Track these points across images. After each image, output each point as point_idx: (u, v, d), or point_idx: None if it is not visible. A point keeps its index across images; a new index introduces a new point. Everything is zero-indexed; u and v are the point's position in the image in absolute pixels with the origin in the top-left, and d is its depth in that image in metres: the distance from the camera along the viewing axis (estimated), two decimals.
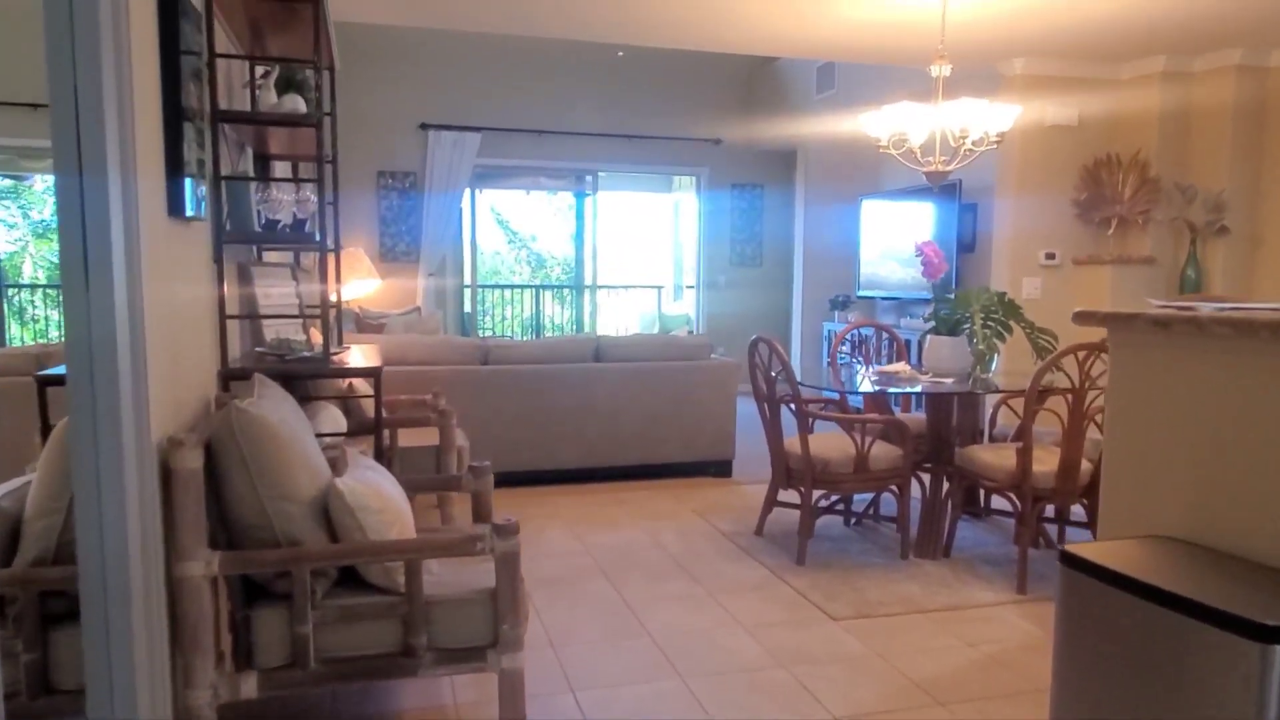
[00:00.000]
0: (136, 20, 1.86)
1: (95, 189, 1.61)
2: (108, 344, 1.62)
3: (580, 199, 9.60)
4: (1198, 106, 5.18)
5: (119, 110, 1.66)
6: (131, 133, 1.70)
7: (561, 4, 4.30)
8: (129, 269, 1.67)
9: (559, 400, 5.02)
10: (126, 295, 1.66)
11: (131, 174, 1.70)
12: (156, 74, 2.04)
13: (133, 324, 1.69)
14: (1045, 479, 3.45)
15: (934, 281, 4.07)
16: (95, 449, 1.65)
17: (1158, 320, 1.82)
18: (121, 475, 1.67)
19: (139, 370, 1.72)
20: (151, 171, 1.98)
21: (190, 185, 2.19)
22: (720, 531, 4.19)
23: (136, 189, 1.72)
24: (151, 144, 1.99)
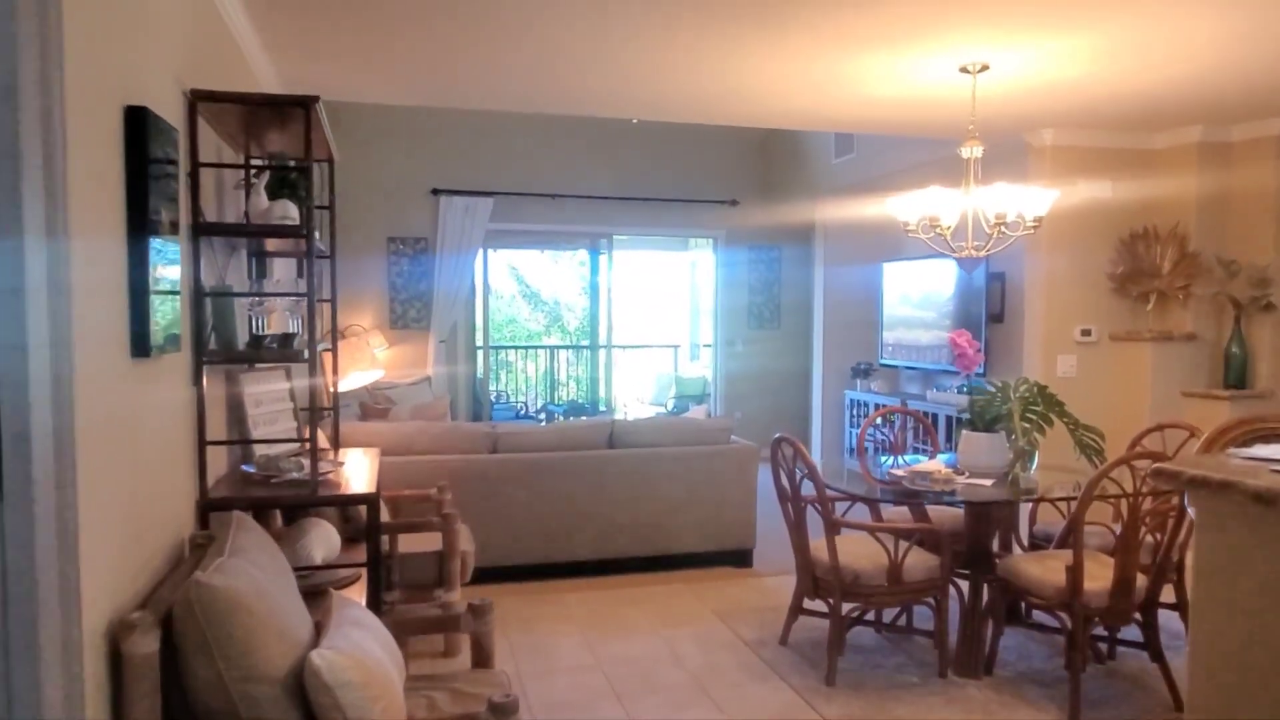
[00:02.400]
0: (94, 145, 1.68)
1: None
2: (25, 564, 1.42)
3: (595, 257, 9.45)
4: (1238, 177, 4.95)
5: (49, 246, 1.47)
6: (67, 270, 1.50)
7: (572, 85, 4.15)
8: (58, 476, 1.46)
9: (572, 489, 4.77)
10: (54, 509, 1.46)
11: (65, 332, 1.50)
12: (120, 200, 1.85)
13: (63, 532, 1.48)
14: (1098, 597, 3.17)
15: (969, 375, 3.83)
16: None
17: (1259, 495, 1.56)
18: (39, 688, 1.44)
19: (68, 585, 1.51)
20: (108, 309, 1.79)
21: (158, 318, 1.99)
22: (743, 641, 3.91)
23: (70, 338, 1.51)
24: (110, 274, 1.80)
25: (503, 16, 3.23)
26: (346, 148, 7.35)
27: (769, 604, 4.37)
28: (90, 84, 1.68)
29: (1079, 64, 3.75)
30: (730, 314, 8.77)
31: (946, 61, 3.72)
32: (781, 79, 4.02)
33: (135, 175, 1.88)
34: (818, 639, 3.78)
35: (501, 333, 13.19)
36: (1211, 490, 1.68)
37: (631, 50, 3.61)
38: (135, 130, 1.87)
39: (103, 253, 1.77)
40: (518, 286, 13.89)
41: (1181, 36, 3.38)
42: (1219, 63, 3.72)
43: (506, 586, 4.59)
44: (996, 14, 3.14)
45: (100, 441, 1.70)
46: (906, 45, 3.51)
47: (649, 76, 4.00)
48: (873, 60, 3.71)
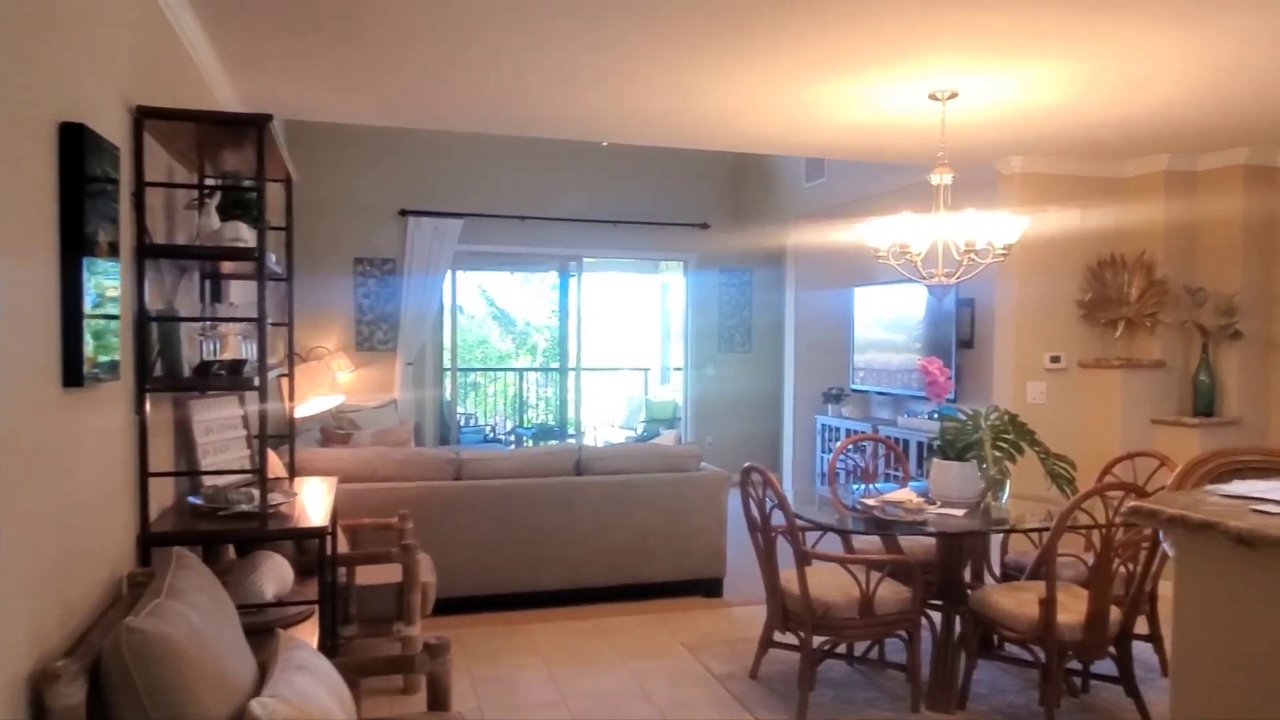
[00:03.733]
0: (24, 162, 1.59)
1: None
2: None
3: (565, 279, 9.37)
4: (1204, 206, 4.99)
5: None
6: None
7: (540, 108, 4.09)
8: None
9: (538, 517, 4.67)
10: None
11: None
12: (53, 220, 1.75)
13: None
14: (1072, 630, 3.12)
15: (940, 402, 3.79)
16: None
17: (1242, 536, 1.51)
18: None
19: None
20: (37, 336, 1.68)
21: (94, 344, 1.88)
22: (713, 675, 3.81)
23: None
24: (40, 298, 1.70)
25: (468, 39, 3.16)
26: (313, 167, 7.24)
27: (739, 636, 4.28)
28: (21, 100, 1.58)
29: (1048, 93, 3.75)
30: (701, 337, 8.72)
31: (916, 88, 3.71)
32: (751, 104, 3.99)
33: (70, 194, 1.78)
34: (788, 672, 3.69)
35: (471, 354, 13.05)
36: (1191, 530, 1.63)
37: (601, 74, 3.56)
38: (71, 148, 1.77)
39: (31, 275, 1.66)
40: (487, 308, 13.78)
41: (1151, 67, 3.39)
42: (1188, 93, 3.74)
43: (470, 618, 4.46)
44: (965, 42, 3.13)
45: (24, 476, 1.59)
46: (875, 72, 3.49)
47: (618, 100, 3.95)
48: (842, 86, 3.69)
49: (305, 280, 7.32)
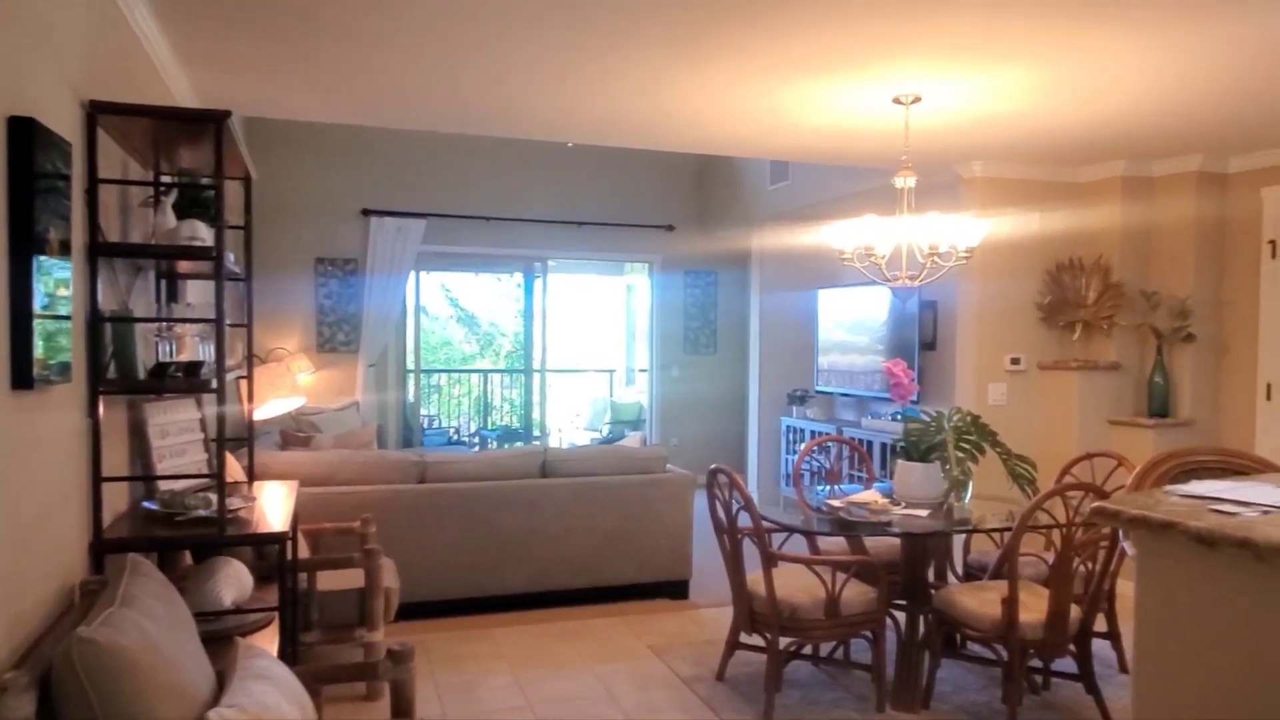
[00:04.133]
0: None
1: None
2: None
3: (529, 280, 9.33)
4: (1158, 211, 5.09)
5: None
6: None
7: (504, 108, 4.05)
8: None
9: (503, 519, 4.63)
10: None
11: None
12: (2, 218, 1.69)
13: None
14: (1033, 629, 3.16)
15: (904, 404, 3.82)
16: None
17: (1202, 536, 1.53)
18: None
19: None
20: None
21: (44, 346, 1.82)
22: (679, 677, 3.80)
23: None
24: None
25: (429, 39, 3.13)
26: (274, 165, 7.13)
27: (706, 637, 4.28)
28: None
29: (1009, 98, 3.80)
30: (666, 339, 8.73)
31: (880, 92, 3.74)
32: (716, 105, 3.99)
33: (19, 191, 1.73)
34: (755, 674, 3.70)
35: (434, 356, 12.94)
36: (1152, 530, 1.65)
37: (566, 75, 3.54)
38: (20, 143, 1.72)
39: None
40: (451, 309, 13.67)
41: (1111, 74, 3.44)
42: (1145, 100, 3.80)
43: (434, 623, 4.42)
44: (928, 47, 3.16)
45: None
46: (840, 75, 3.51)
47: (583, 101, 3.93)
48: (806, 89, 3.71)
49: (265, 280, 7.21)
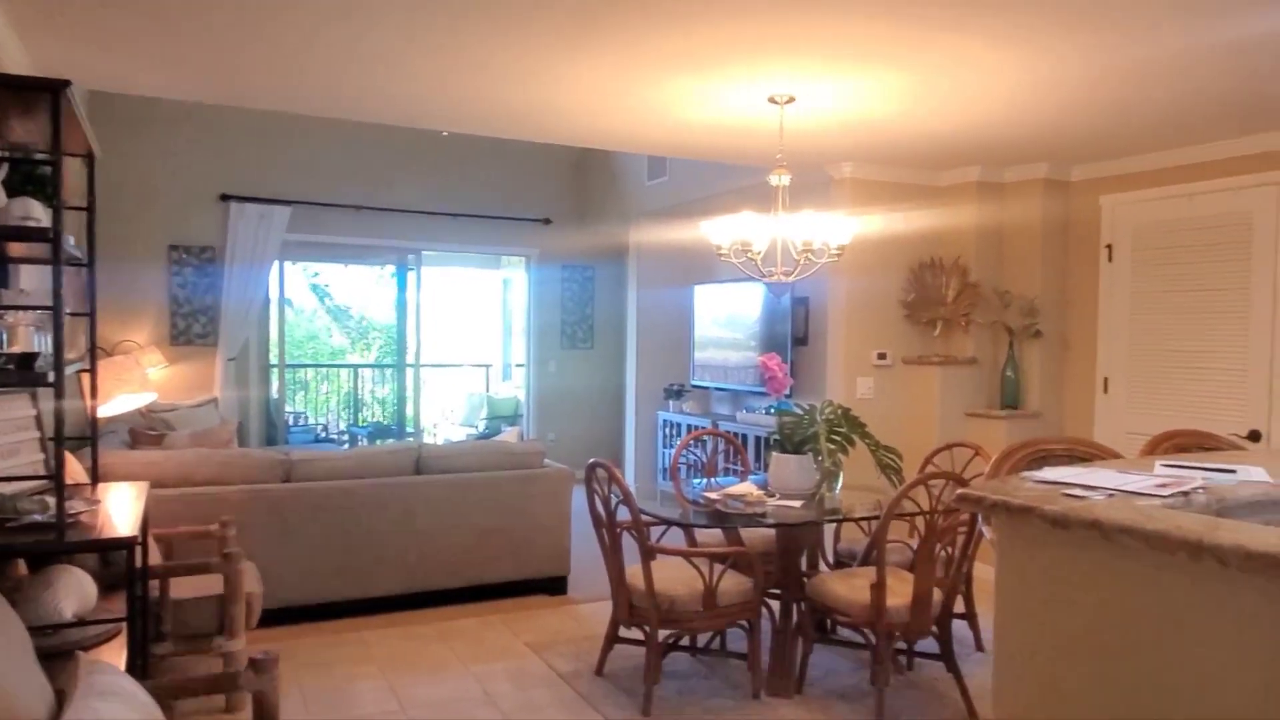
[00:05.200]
0: None
1: None
2: None
3: (402, 273, 9.07)
4: (1010, 215, 5.40)
5: None
6: None
7: (372, 92, 3.90)
8: None
9: (375, 519, 4.47)
10: None
11: None
12: None
13: None
14: (900, 613, 3.29)
15: (779, 398, 3.91)
16: None
17: (1056, 518, 1.62)
18: None
19: None
20: None
21: None
22: (558, 674, 3.77)
23: None
24: None
25: (298, 14, 2.97)
26: (124, 144, 6.65)
27: (584, 633, 4.26)
28: None
29: (880, 103, 3.94)
30: (544, 333, 8.66)
31: (756, 91, 3.80)
32: (594, 98, 3.97)
33: None
34: (634, 667, 3.71)
35: (300, 350, 12.40)
36: (1012, 514, 1.73)
37: (437, 60, 3.43)
38: None
39: None
40: (319, 302, 13.14)
41: (975, 84, 3.61)
42: (1002, 110, 4.02)
43: (301, 628, 4.23)
44: (802, 48, 3.23)
45: None
46: (716, 72, 3.55)
47: (456, 88, 3.83)
48: (684, 85, 3.73)
49: (112, 268, 6.71)
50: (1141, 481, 1.90)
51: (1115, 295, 5.07)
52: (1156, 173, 4.85)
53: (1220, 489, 1.90)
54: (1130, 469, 2.10)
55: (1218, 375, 4.57)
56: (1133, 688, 1.53)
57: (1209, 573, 1.41)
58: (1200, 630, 1.43)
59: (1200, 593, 1.44)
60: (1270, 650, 1.34)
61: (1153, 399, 4.87)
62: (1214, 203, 4.60)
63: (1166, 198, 4.82)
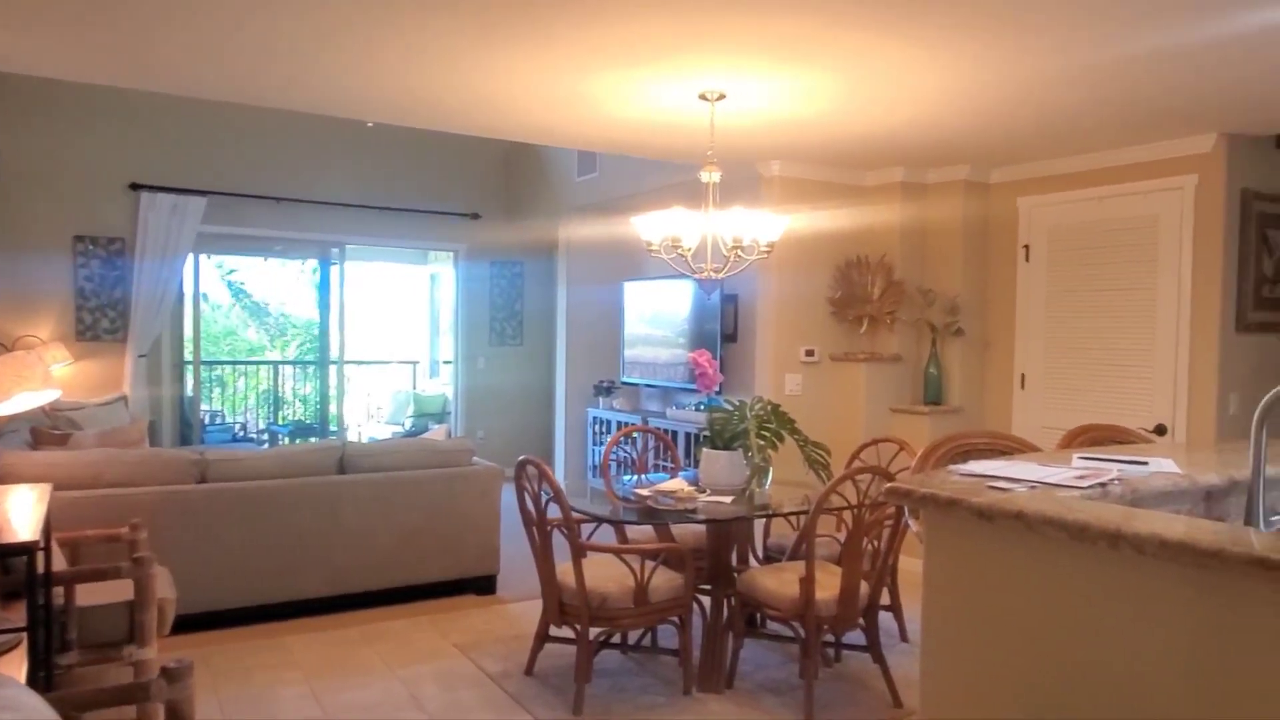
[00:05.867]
0: None
1: None
2: None
3: (325, 267, 8.85)
4: (932, 215, 5.53)
5: None
6: None
7: (294, 79, 3.78)
8: None
9: (297, 520, 4.34)
10: None
11: None
12: None
13: None
14: (828, 606, 3.34)
15: (709, 394, 3.92)
16: None
17: (981, 511, 1.66)
18: None
19: None
20: None
21: None
22: (487, 674, 3.72)
23: None
24: None
25: None
26: (23, 129, 6.33)
27: (514, 632, 4.21)
28: None
29: (809, 103, 3.98)
30: (472, 330, 8.55)
31: (687, 87, 3.80)
32: (524, 91, 3.92)
33: None
34: (564, 666, 3.68)
35: (216, 347, 12.00)
36: (939, 507, 1.76)
37: (361, 47, 3.34)
38: None
39: None
40: (237, 297, 12.73)
41: (900, 87, 3.68)
42: (926, 112, 4.11)
43: (219, 634, 4.09)
44: (732, 45, 3.24)
45: None
46: (648, 68, 3.54)
47: (382, 77, 3.73)
48: (617, 80, 3.72)
49: (10, 259, 6.40)
50: (1061, 474, 1.96)
51: (1032, 294, 5.24)
52: (1070, 176, 5.03)
53: (1134, 480, 1.97)
54: (1050, 462, 2.17)
55: (1127, 372, 4.76)
56: (1057, 674, 1.57)
57: (1127, 561, 1.46)
58: (1120, 616, 1.48)
59: (1119, 580, 1.48)
60: (1185, 633, 1.39)
61: (1067, 394, 5.04)
62: (1123, 206, 4.79)
63: (1079, 200, 4.99)
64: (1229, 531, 1.44)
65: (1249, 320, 4.54)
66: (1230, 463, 2.31)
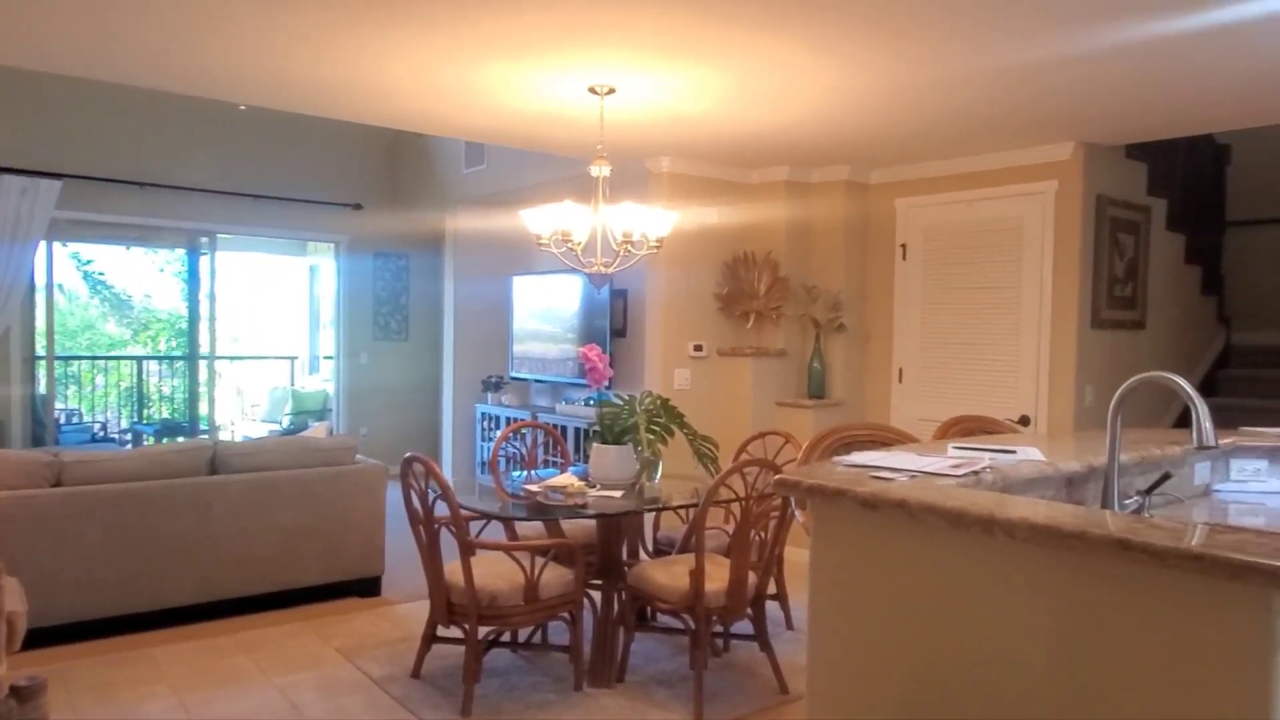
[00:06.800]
0: None
1: None
2: None
3: (195, 257, 8.39)
4: (816, 214, 5.69)
5: None
6: None
7: (156, 54, 3.56)
8: None
9: (165, 524, 4.11)
10: None
11: None
12: None
13: None
14: (717, 597, 3.38)
15: (599, 389, 3.92)
16: None
17: (866, 500, 1.71)
18: None
19: None
20: None
21: None
22: (371, 679, 3.61)
23: None
24: None
25: None
26: None
27: (400, 635, 4.11)
28: None
29: (698, 100, 4.02)
30: (354, 324, 8.28)
31: (576, 80, 3.78)
32: (411, 79, 3.81)
33: None
34: (452, 667, 3.62)
35: (73, 341, 11.21)
36: (826, 497, 1.81)
37: (235, 22, 3.18)
38: None
39: None
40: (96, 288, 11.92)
41: (787, 87, 3.76)
42: (810, 113, 4.21)
43: (77, 647, 3.83)
44: (622, 39, 3.24)
45: None
46: (538, 59, 3.50)
47: (258, 58, 3.56)
48: (507, 70, 3.66)
49: None
50: (938, 463, 2.04)
51: (908, 291, 5.46)
52: (944, 179, 5.26)
53: (1004, 468, 2.08)
54: (927, 452, 2.26)
55: (994, 365, 5.03)
56: (938, 654, 1.64)
57: (1000, 545, 1.53)
58: (995, 597, 1.55)
59: (993, 563, 1.55)
60: (1054, 610, 1.47)
61: (940, 387, 5.28)
62: (991, 208, 5.05)
63: (952, 202, 5.23)
64: (1088, 515, 1.53)
65: (1103, 317, 4.86)
66: (1088, 450, 2.46)
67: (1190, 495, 2.71)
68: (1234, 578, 1.24)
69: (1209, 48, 3.20)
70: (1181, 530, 1.41)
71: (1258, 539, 1.34)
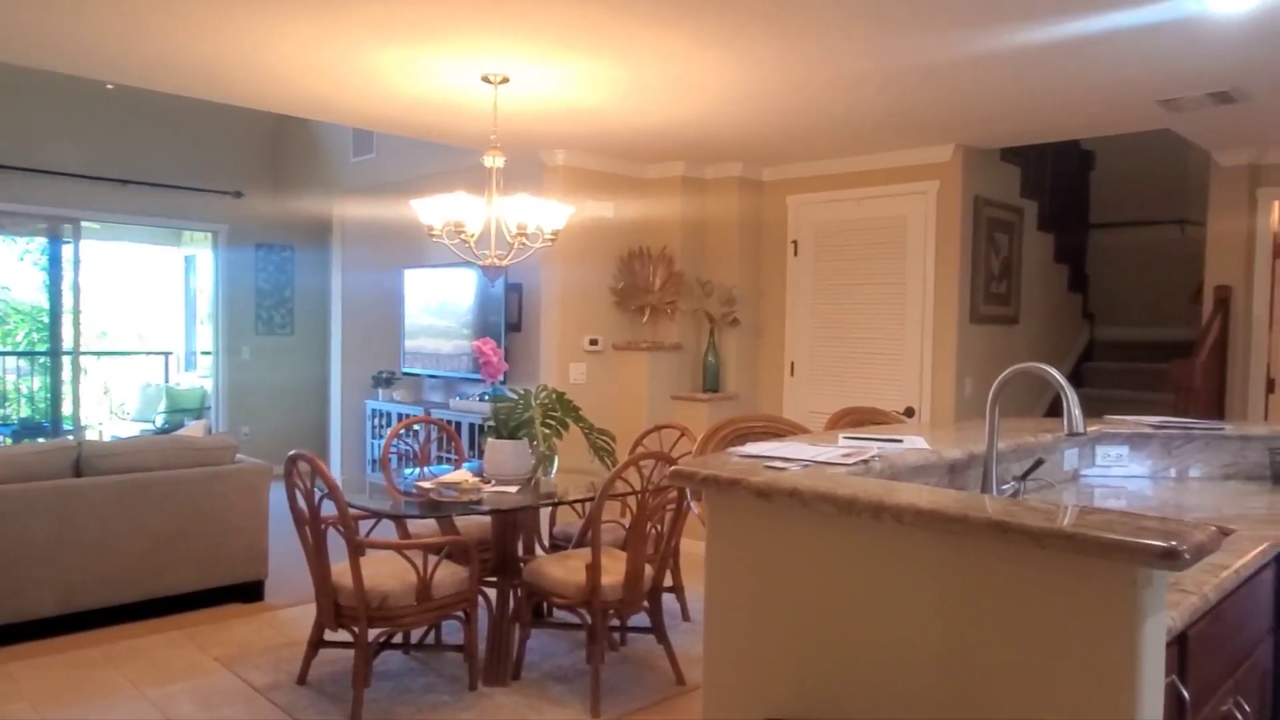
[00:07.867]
0: None
1: None
2: None
3: (57, 245, 7.85)
4: (710, 209, 5.76)
5: None
6: None
7: (19, 26, 3.30)
8: None
9: (22, 530, 3.83)
10: None
11: None
12: None
13: None
14: (614, 590, 3.38)
15: (494, 383, 3.86)
16: None
17: (760, 490, 1.73)
18: None
19: None
20: None
21: None
22: (253, 687, 3.45)
23: None
24: None
25: None
26: None
27: (285, 640, 3.94)
28: None
29: (593, 93, 4.00)
30: (235, 318, 7.92)
31: (468, 68, 3.71)
32: (297, 61, 3.66)
33: None
34: (341, 672, 3.50)
35: None
36: (721, 487, 1.82)
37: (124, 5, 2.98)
38: None
39: None
40: None
41: (682, 83, 3.78)
42: (705, 110, 4.25)
43: None
44: (515, 28, 3.19)
45: None
46: (429, 44, 3.41)
47: (133, 33, 3.34)
48: (396, 56, 3.55)
49: None
50: (830, 452, 2.09)
51: (800, 287, 5.59)
52: (833, 177, 5.40)
53: (892, 456, 2.14)
54: (819, 442, 2.31)
55: (880, 359, 5.20)
56: (831, 638, 1.67)
57: (889, 530, 1.57)
58: (885, 581, 1.59)
59: (883, 548, 1.59)
60: (941, 592, 1.52)
61: (830, 380, 5.43)
62: (877, 206, 5.21)
63: (840, 200, 5.38)
64: (970, 499, 1.59)
65: (981, 313, 5.09)
66: (968, 439, 2.57)
67: (1060, 480, 2.87)
68: (1102, 554, 1.31)
69: (1072, 58, 3.38)
70: (1054, 512, 1.48)
71: (1121, 518, 1.42)
